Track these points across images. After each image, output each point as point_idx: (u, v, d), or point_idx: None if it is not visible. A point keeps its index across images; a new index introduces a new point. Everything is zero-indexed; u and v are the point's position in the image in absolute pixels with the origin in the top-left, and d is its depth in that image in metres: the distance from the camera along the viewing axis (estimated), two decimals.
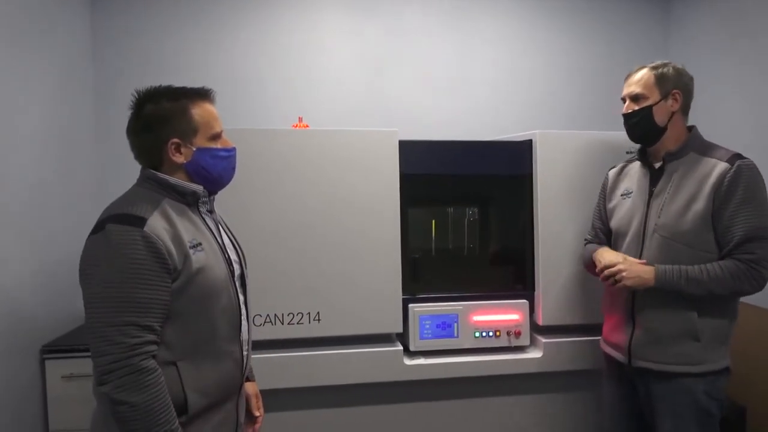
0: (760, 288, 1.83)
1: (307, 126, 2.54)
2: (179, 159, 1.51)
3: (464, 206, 2.56)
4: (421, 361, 2.33)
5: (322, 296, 2.24)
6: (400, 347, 2.32)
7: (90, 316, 1.36)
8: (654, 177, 2.01)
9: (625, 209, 2.06)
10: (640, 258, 1.97)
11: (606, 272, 1.97)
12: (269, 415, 2.12)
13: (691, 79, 2.00)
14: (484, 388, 2.39)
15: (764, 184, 1.86)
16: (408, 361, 2.31)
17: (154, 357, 1.37)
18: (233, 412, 1.60)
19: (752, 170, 1.84)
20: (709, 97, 3.15)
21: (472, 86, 3.42)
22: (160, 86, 1.55)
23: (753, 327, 2.85)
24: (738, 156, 1.87)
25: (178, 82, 2.33)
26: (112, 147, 3.06)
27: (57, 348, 2.51)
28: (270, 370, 2.16)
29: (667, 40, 3.55)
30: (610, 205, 2.16)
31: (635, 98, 1.99)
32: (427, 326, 2.34)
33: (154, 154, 1.52)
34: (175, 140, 1.50)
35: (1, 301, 2.26)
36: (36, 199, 2.51)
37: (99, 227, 1.40)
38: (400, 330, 2.32)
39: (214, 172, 1.57)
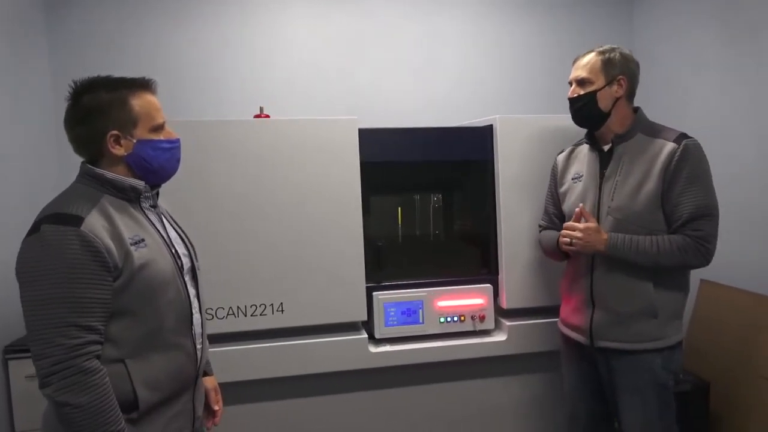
0: (706, 263, 1.91)
1: (268, 116, 2.52)
2: (119, 151, 1.47)
3: (427, 193, 2.57)
4: (387, 348, 2.34)
5: (284, 287, 2.23)
6: (365, 335, 2.32)
7: (28, 320, 1.33)
8: (604, 160, 2.04)
9: (577, 193, 2.09)
10: None
11: (563, 233, 2.01)
12: (234, 408, 2.14)
13: (638, 65, 2.03)
14: (451, 372, 2.41)
15: (708, 164, 1.92)
16: (373, 349, 2.32)
17: (98, 357, 1.35)
18: (189, 404, 1.59)
19: (698, 149, 1.90)
20: (673, 79, 3.18)
21: (444, 72, 3.40)
22: (98, 76, 1.51)
23: (717, 304, 2.90)
24: (684, 136, 1.92)
25: (134, 67, 2.30)
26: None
27: (19, 348, 2.48)
28: (234, 363, 2.16)
29: (632, 22, 3.57)
30: (562, 190, 2.18)
31: (581, 83, 2.02)
32: (392, 313, 2.35)
33: (93, 147, 1.48)
34: (114, 132, 1.46)
35: None
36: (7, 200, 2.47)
37: (34, 228, 1.37)
38: (365, 318, 2.33)
39: (156, 164, 1.53)
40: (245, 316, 2.20)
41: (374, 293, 2.34)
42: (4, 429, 2.46)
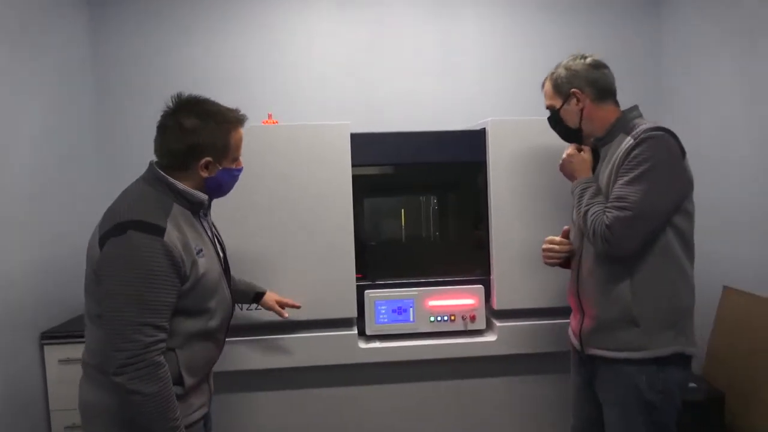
0: (601, 248, 1.80)
1: (276, 122, 2.66)
2: (204, 174, 1.66)
3: (421, 195, 2.64)
4: (377, 344, 2.42)
5: (278, 283, 2.35)
6: (355, 331, 2.42)
7: (110, 314, 1.50)
8: (596, 162, 1.99)
9: None
10: (583, 248, 1.95)
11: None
12: (226, 396, 2.30)
13: (596, 65, 1.94)
14: (441, 371, 2.46)
15: (665, 160, 1.74)
16: (363, 345, 2.41)
17: (163, 352, 1.54)
18: (207, 383, 1.81)
19: (654, 142, 1.74)
20: (705, 86, 3.07)
21: (459, 76, 3.45)
22: (205, 101, 1.68)
23: (740, 312, 2.79)
24: (651, 129, 1.77)
25: (166, 79, 2.45)
26: (112, 144, 3.32)
27: (54, 335, 2.75)
28: (228, 354, 2.27)
29: (660, 23, 3.47)
30: None
31: (549, 109, 2.04)
32: (383, 311, 2.43)
33: (181, 162, 1.64)
34: (209, 159, 1.65)
35: (4, 293, 2.49)
36: (37, 196, 2.74)
37: (120, 230, 1.51)
38: (354, 314, 2.42)
39: (226, 187, 1.77)
40: (240, 309, 2.34)
41: (366, 291, 2.43)
42: (40, 408, 2.73)
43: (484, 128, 2.47)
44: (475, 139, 2.48)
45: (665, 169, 1.75)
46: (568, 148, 2.04)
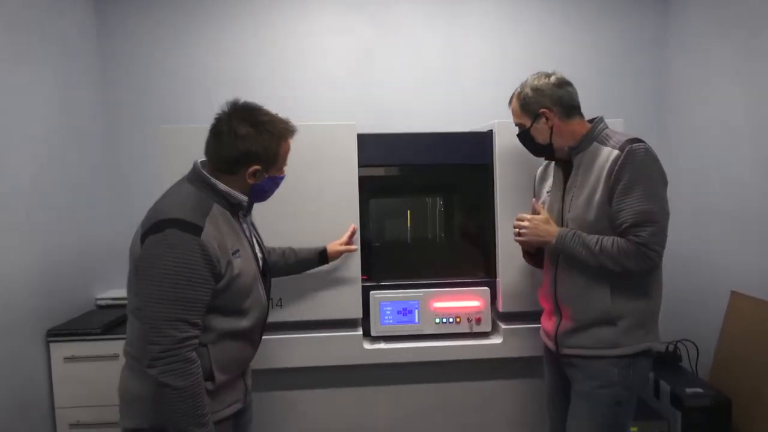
0: (648, 269, 1.85)
1: None
2: (251, 181, 1.72)
3: (427, 196, 2.63)
4: (382, 345, 2.42)
5: (284, 283, 2.34)
6: (360, 332, 2.41)
7: (147, 309, 1.56)
8: (567, 171, 2.05)
9: (547, 206, 2.10)
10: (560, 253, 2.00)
11: (514, 224, 2.06)
12: None
13: (560, 83, 1.99)
14: (445, 373, 2.45)
15: (657, 168, 1.87)
16: (368, 346, 2.40)
17: (195, 349, 1.58)
18: (242, 382, 1.84)
19: (643, 154, 1.83)
20: (708, 84, 3.06)
21: (463, 78, 3.44)
22: (259, 109, 1.73)
23: (747, 317, 2.77)
24: (632, 141, 1.85)
25: (169, 80, 2.39)
26: (116, 144, 3.32)
27: (60, 332, 2.75)
28: None
29: (665, 29, 3.46)
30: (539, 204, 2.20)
31: (519, 127, 2.10)
32: (388, 312, 2.42)
33: (230, 166, 1.69)
34: (258, 168, 1.70)
35: (11, 290, 2.51)
36: (43, 193, 2.75)
37: (158, 228, 1.56)
38: (359, 315, 2.41)
39: (269, 193, 1.82)
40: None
41: (371, 292, 2.43)
42: (46, 405, 2.74)
43: (491, 130, 2.46)
44: (482, 141, 2.48)
45: (661, 176, 1.88)
46: (521, 221, 2.04)
